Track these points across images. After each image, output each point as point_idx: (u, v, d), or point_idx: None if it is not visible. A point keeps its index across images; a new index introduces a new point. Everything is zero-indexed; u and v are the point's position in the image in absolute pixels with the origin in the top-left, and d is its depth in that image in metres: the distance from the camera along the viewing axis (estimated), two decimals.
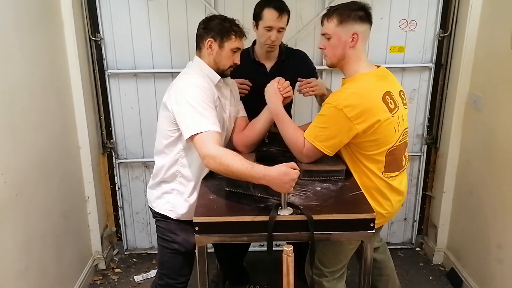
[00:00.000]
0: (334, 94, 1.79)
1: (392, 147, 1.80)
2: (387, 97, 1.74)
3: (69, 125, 2.67)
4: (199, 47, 1.94)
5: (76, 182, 2.78)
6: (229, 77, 2.06)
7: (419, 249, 3.30)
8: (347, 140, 1.75)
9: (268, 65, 2.38)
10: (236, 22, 1.91)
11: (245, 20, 2.63)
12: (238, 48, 1.91)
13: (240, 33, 1.89)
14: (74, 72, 2.64)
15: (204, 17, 1.96)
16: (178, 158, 1.88)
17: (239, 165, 1.55)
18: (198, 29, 1.93)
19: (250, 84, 2.26)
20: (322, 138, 1.75)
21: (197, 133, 1.67)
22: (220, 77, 1.92)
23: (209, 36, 1.87)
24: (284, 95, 1.94)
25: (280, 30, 2.23)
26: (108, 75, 2.84)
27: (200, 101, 1.73)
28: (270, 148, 2.19)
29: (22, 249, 2.09)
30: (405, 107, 1.89)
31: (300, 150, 1.82)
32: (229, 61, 1.91)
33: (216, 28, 1.86)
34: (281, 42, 2.40)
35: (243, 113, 2.13)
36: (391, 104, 1.75)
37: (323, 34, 1.83)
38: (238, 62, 1.95)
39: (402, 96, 1.88)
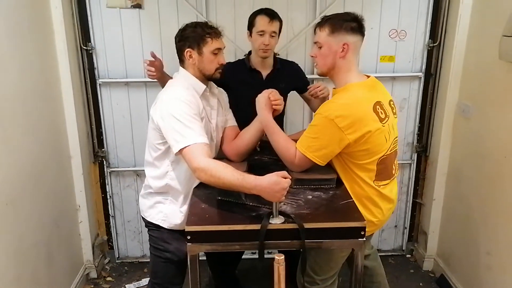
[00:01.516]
0: (325, 105, 1.80)
1: (383, 156, 1.82)
2: (377, 107, 1.76)
3: (60, 134, 2.67)
4: (181, 60, 1.94)
5: (67, 191, 2.77)
6: (215, 86, 2.07)
7: (409, 255, 3.32)
8: (338, 150, 1.76)
9: (264, 72, 2.42)
10: (209, 23, 1.91)
11: (236, 28, 2.68)
12: (219, 49, 1.89)
13: (214, 33, 1.87)
14: (65, 81, 2.64)
15: None
16: (168, 171, 1.89)
17: (230, 176, 1.56)
18: (175, 43, 1.93)
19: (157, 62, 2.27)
20: (314, 148, 1.77)
21: (185, 147, 1.67)
22: (205, 86, 1.92)
23: (186, 47, 1.87)
24: (274, 107, 1.94)
25: (273, 34, 2.30)
26: (99, 84, 2.84)
27: (185, 114, 1.73)
28: (262, 156, 2.19)
29: (13, 258, 2.07)
30: (395, 116, 1.92)
31: (291, 160, 1.83)
32: (214, 64, 1.90)
33: (190, 36, 1.86)
34: (274, 53, 2.44)
35: (232, 122, 2.13)
36: (382, 113, 1.77)
37: (315, 43, 1.85)
38: (224, 62, 1.94)
39: (392, 106, 1.90)
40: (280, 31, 2.36)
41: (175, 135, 1.71)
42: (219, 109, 2.05)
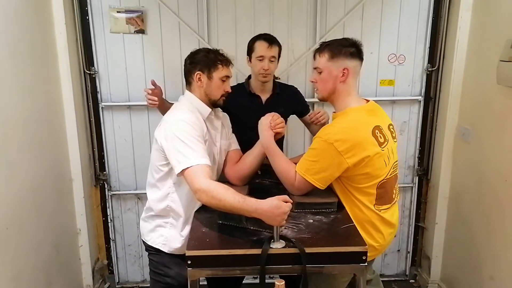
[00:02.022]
0: (325, 128, 1.82)
1: (383, 180, 1.82)
2: (376, 131, 1.78)
3: (62, 157, 2.68)
4: (188, 82, 1.97)
5: (68, 214, 2.76)
6: (220, 110, 2.09)
7: (413, 280, 3.28)
8: (338, 174, 1.77)
9: (264, 97, 2.44)
10: (220, 51, 1.96)
11: (238, 53, 2.72)
12: (227, 76, 1.94)
13: (226, 61, 1.93)
14: (68, 105, 2.67)
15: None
16: (169, 192, 1.89)
17: (231, 198, 1.56)
18: (185, 65, 1.97)
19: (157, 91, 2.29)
20: (313, 171, 1.77)
21: (187, 167, 1.68)
22: (210, 109, 1.95)
23: (197, 69, 1.90)
24: (275, 131, 1.97)
25: (272, 59, 2.32)
26: (102, 107, 2.87)
27: (188, 136, 1.75)
28: (263, 180, 2.19)
29: (12, 283, 2.05)
30: (395, 140, 1.92)
31: (291, 183, 1.84)
32: (220, 90, 1.94)
33: (202, 60, 1.90)
34: (274, 76, 2.47)
35: (235, 146, 2.15)
36: (381, 138, 1.78)
37: (315, 68, 1.88)
38: (229, 90, 1.98)
39: (391, 130, 1.91)
40: (279, 56, 2.39)
41: (177, 156, 1.72)
42: (223, 132, 2.06)
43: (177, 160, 1.72)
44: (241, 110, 2.37)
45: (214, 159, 1.99)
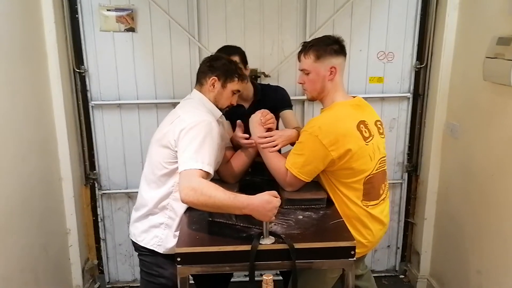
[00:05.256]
0: (311, 121, 1.85)
1: (369, 175, 1.84)
2: (361, 125, 1.80)
3: (52, 156, 2.66)
4: (200, 83, 1.96)
5: (58, 214, 2.75)
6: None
7: (403, 276, 3.31)
8: (323, 167, 1.79)
9: (246, 104, 2.43)
10: (239, 65, 1.99)
11: None
12: (238, 91, 1.96)
13: (242, 77, 1.96)
14: (58, 104, 2.65)
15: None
16: (172, 191, 1.84)
17: (222, 195, 1.55)
18: (202, 65, 1.97)
19: None
20: (299, 164, 1.79)
21: (192, 169, 1.64)
22: (221, 113, 1.96)
23: (214, 75, 1.90)
24: (266, 126, 1.98)
25: None
26: (92, 106, 2.86)
27: (207, 139, 1.72)
28: (254, 177, 2.20)
29: (0, 285, 2.04)
30: (382, 136, 1.94)
31: (283, 178, 1.86)
32: (228, 101, 1.96)
33: (222, 68, 1.91)
34: (253, 80, 2.43)
35: (227, 143, 2.15)
36: (366, 132, 1.81)
37: (302, 70, 1.89)
38: (235, 104, 2.00)
39: (379, 126, 1.93)
40: (246, 62, 2.32)
41: (190, 154, 1.68)
42: (223, 134, 2.06)
43: (189, 157, 1.67)
44: (227, 118, 2.35)
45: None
